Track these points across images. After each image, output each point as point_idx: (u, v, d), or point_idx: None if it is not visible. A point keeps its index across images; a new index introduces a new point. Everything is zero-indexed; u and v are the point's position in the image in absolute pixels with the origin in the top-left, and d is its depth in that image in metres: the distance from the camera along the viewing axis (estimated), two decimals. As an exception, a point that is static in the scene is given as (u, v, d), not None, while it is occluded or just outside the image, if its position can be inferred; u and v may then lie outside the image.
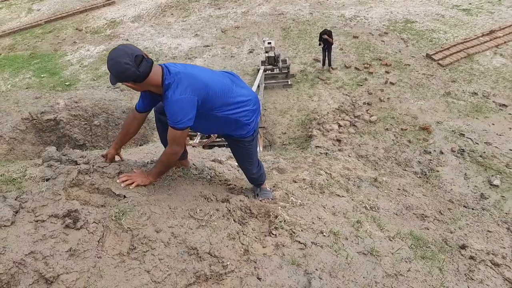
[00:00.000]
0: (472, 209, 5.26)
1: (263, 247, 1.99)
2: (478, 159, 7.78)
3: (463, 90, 9.40)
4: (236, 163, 2.93)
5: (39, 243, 1.61)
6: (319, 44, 10.22)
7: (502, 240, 4.25)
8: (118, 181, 2.12)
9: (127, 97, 10.32)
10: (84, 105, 9.98)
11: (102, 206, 1.89)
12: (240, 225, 2.08)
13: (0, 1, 15.79)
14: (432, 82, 9.78)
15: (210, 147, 7.15)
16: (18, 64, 11.98)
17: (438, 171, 7.70)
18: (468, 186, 7.21)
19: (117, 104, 10.08)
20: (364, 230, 2.46)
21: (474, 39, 10.62)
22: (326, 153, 7.81)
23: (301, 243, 2.04)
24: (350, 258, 2.12)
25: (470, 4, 12.66)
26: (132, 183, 2.15)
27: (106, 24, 13.55)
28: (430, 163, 7.90)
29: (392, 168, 7.65)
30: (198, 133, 7.61)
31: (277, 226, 2.14)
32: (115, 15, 14.07)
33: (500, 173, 7.38)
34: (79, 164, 2.15)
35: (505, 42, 10.45)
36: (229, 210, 2.13)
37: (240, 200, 2.25)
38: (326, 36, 9.82)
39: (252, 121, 2.34)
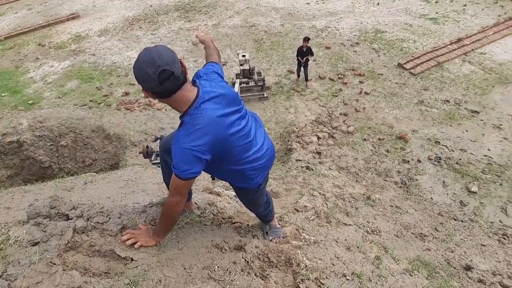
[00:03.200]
0: (462, 221, 5.28)
1: (292, 305, 1.79)
2: (455, 166, 7.90)
3: (435, 98, 9.59)
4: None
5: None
6: (297, 59, 10.17)
7: (496, 253, 4.27)
8: (120, 240, 1.84)
9: (96, 115, 9.82)
10: (49, 125, 9.39)
11: (106, 273, 1.62)
12: (262, 279, 1.86)
13: (-49, 15, 14.80)
14: (405, 91, 9.93)
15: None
16: (-25, 83, 11.18)
17: (417, 179, 7.76)
18: (447, 194, 7.29)
19: (85, 122, 9.56)
20: (384, 266, 2.31)
21: (443, 47, 10.92)
22: (308, 166, 7.71)
23: (333, 297, 1.86)
24: (380, 305, 1.95)
25: (436, 13, 13.05)
26: (136, 242, 1.88)
27: (70, 38, 12.93)
28: (409, 172, 7.96)
29: (373, 179, 7.63)
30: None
31: (303, 278, 1.94)
32: (80, 29, 13.47)
33: (477, 179, 7.53)
34: (71, 219, 1.86)
35: (472, 50, 10.81)
36: (247, 261, 1.92)
37: (256, 247, 2.03)
38: (308, 56, 9.89)
39: (258, 176, 2.11)
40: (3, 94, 10.58)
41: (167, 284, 1.64)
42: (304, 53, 9.88)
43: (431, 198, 7.13)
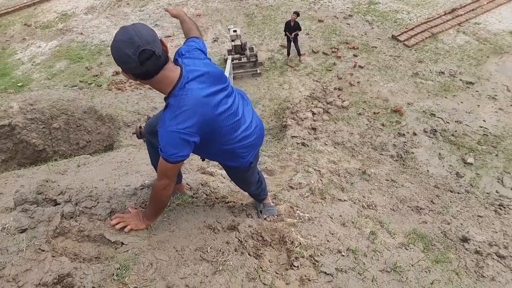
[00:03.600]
0: (458, 193, 5.30)
1: (287, 283, 1.77)
2: (451, 138, 7.90)
3: (430, 70, 9.50)
4: None
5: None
6: (285, 35, 9.95)
7: (493, 224, 4.30)
8: (109, 224, 1.80)
9: (87, 96, 9.66)
10: (40, 107, 9.23)
11: (96, 258, 1.58)
12: (256, 258, 1.84)
13: None
14: (400, 64, 9.82)
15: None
16: (-39, 67, 10.92)
17: (413, 153, 7.77)
18: (443, 166, 7.32)
19: (77, 104, 9.41)
20: (379, 241, 2.30)
21: (437, 18, 10.74)
22: (303, 143, 7.68)
23: (328, 274, 1.84)
24: (376, 279, 1.95)
25: (429, -18, 12.78)
26: (126, 226, 1.85)
27: (57, 17, 12.57)
28: (405, 146, 7.96)
29: (369, 154, 7.63)
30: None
31: (297, 255, 1.92)
32: (66, 7, 13.08)
33: (473, 150, 7.55)
34: (59, 204, 1.81)
35: (466, 20, 10.64)
36: (240, 241, 1.89)
37: (249, 226, 2.00)
38: (296, 31, 9.64)
39: (249, 154, 2.05)
40: (-10, 77, 10.36)
41: (159, 267, 1.61)
42: (291, 28, 9.65)
43: (427, 170, 7.15)
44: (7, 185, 3.46)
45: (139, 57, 1.54)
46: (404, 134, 8.14)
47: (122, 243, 1.68)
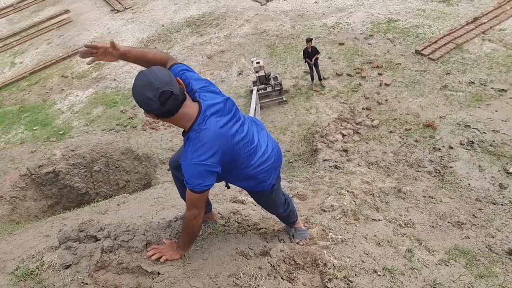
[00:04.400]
0: (502, 205, 5.06)
1: (321, 305, 1.77)
2: (489, 148, 7.61)
3: (459, 81, 9.30)
4: None
5: None
6: (305, 62, 10.12)
7: (541, 235, 4.06)
8: (146, 256, 1.89)
9: (124, 138, 10.11)
10: (81, 152, 9.73)
11: (135, 289, 1.66)
12: (289, 282, 1.86)
13: (-19, 59, 15.67)
14: (427, 78, 9.69)
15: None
16: (8, 120, 11.76)
17: (451, 167, 7.52)
18: (485, 178, 7.01)
19: (114, 146, 9.85)
20: (417, 259, 2.25)
21: (460, 28, 10.59)
22: (336, 165, 7.62)
23: (362, 294, 1.82)
24: (414, 298, 1.90)
25: (448, -6, 12.72)
26: (161, 256, 1.92)
27: (91, 67, 13.40)
28: (442, 160, 7.72)
29: (405, 171, 7.45)
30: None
31: (330, 277, 1.92)
32: (99, 56, 13.94)
33: (514, 159, 7.21)
34: (99, 240, 1.93)
35: (491, 27, 10.43)
36: (273, 266, 1.92)
37: (281, 250, 2.03)
38: (316, 55, 9.79)
39: (270, 177, 2.11)
40: (34, 128, 11.08)
41: (194, 294, 1.67)
42: (311, 54, 9.80)
43: (469, 184, 6.88)
44: (53, 228, 3.66)
45: (159, 98, 1.65)
46: (439, 149, 7.92)
47: (159, 273, 1.76)
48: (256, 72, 9.93)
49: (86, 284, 1.60)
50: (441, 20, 11.49)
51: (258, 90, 9.89)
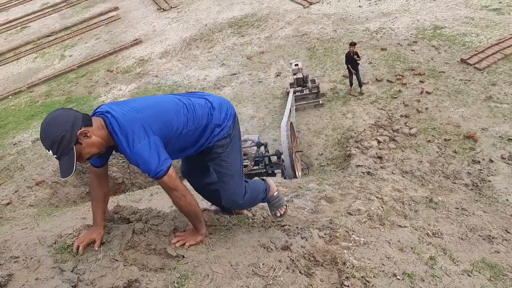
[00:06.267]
0: (540, 223, 4.82)
1: (337, 301, 1.81)
2: (533, 164, 7.26)
3: (505, 93, 8.92)
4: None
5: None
6: (347, 68, 10.00)
7: None
8: (171, 243, 2.00)
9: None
10: (120, 144, 10.15)
11: (161, 269, 1.78)
12: (307, 277, 1.91)
13: (35, 51, 16.67)
14: (471, 88, 9.35)
15: (249, 177, 7.00)
16: (55, 110, 12.44)
17: (490, 181, 7.24)
18: (526, 195, 6.70)
19: (152, 140, 10.20)
20: (439, 267, 2.23)
21: (510, 38, 10.14)
22: (369, 172, 7.53)
23: (379, 295, 1.85)
24: (433, 305, 1.90)
25: (500, 3, 12.16)
26: (185, 243, 2.04)
27: (135, 62, 13.96)
28: (481, 173, 7.45)
29: (440, 182, 7.25)
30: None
31: (348, 275, 1.95)
32: (143, 53, 14.50)
33: (561, 178, 6.84)
34: (131, 222, 2.07)
35: (544, 38, 9.92)
36: (292, 260, 1.98)
37: (302, 247, 2.09)
38: (356, 58, 9.66)
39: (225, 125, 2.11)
40: (80, 118, 11.64)
41: (214, 278, 1.76)
42: (353, 58, 9.68)
43: (507, 199, 6.61)
44: (90, 212, 3.89)
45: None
46: (479, 161, 7.64)
47: (183, 256, 1.87)
48: (294, 74, 9.97)
49: (117, 260, 1.74)
50: (490, 29, 11.03)
51: (294, 92, 9.92)
